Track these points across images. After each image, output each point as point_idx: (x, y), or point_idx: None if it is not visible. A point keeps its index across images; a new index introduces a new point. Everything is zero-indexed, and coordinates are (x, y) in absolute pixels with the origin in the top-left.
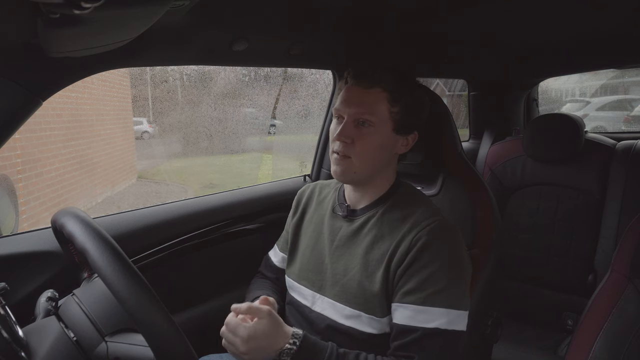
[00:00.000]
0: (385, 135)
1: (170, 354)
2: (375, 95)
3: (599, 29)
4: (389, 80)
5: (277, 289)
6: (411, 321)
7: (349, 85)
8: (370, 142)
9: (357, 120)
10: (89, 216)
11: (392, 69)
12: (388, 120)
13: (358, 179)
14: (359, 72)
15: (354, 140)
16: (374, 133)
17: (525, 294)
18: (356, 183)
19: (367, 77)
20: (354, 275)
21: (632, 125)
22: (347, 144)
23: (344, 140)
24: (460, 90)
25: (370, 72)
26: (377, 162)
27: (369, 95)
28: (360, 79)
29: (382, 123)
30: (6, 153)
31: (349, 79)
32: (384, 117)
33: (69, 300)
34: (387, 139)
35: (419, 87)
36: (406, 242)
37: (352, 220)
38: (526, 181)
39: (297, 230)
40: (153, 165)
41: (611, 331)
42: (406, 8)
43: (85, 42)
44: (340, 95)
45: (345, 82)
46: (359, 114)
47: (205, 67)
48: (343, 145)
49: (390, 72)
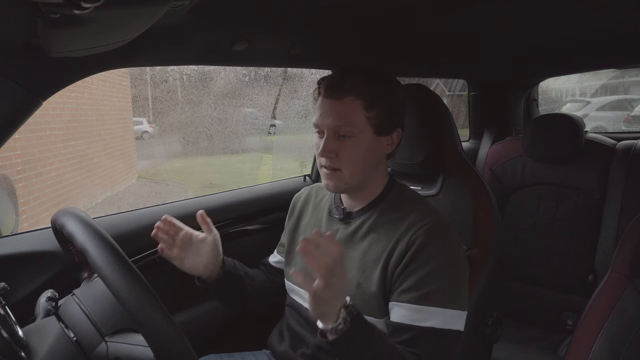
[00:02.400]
0: (367, 140)
1: (170, 354)
2: (349, 104)
3: (599, 29)
4: (361, 86)
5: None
6: (407, 320)
7: (322, 97)
8: (354, 152)
9: (337, 133)
10: (89, 216)
11: (362, 72)
12: (367, 126)
13: (351, 187)
14: (330, 83)
15: (338, 153)
16: (356, 142)
17: (525, 294)
18: (349, 191)
19: (337, 87)
20: (352, 277)
21: (632, 125)
22: (332, 158)
23: (328, 156)
24: (460, 90)
25: (340, 81)
26: (366, 168)
27: (343, 105)
28: (332, 91)
29: (362, 130)
30: (6, 153)
31: (321, 90)
32: (362, 125)
33: (69, 300)
34: (370, 144)
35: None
36: (403, 243)
37: (348, 223)
38: (526, 181)
39: (294, 234)
40: (153, 165)
41: (611, 331)
42: (406, 8)
43: (85, 42)
44: (317, 109)
45: (319, 93)
46: (337, 127)
47: (205, 67)
48: (329, 160)
49: (361, 77)
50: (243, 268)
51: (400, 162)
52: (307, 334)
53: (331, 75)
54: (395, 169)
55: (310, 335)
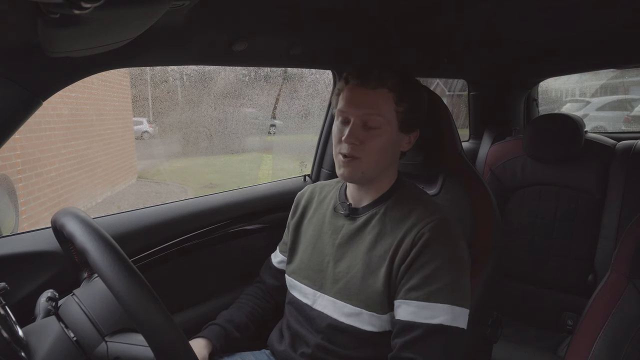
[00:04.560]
0: (391, 134)
1: (170, 353)
2: (381, 95)
3: (599, 29)
4: (394, 79)
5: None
6: (415, 317)
7: (352, 85)
8: (379, 143)
9: (365, 122)
10: (89, 216)
11: (394, 68)
12: (394, 120)
13: (365, 178)
14: (363, 72)
15: (362, 141)
16: (382, 134)
17: (525, 294)
18: (363, 183)
19: (372, 77)
20: (356, 273)
21: (632, 125)
22: (356, 145)
23: (352, 142)
24: (460, 90)
25: (376, 72)
26: (384, 162)
27: (376, 95)
28: (365, 79)
29: (389, 123)
30: (6, 153)
31: (350, 79)
32: (390, 117)
33: (69, 300)
34: (393, 138)
35: (419, 85)
36: (409, 239)
37: (354, 219)
38: (526, 181)
39: (297, 231)
40: (153, 165)
41: (611, 331)
42: (406, 8)
43: (85, 42)
44: (344, 97)
45: (346, 82)
46: (366, 115)
47: (205, 67)
48: (351, 147)
49: (394, 72)
50: (235, 328)
51: (401, 161)
52: (307, 333)
53: (362, 65)
54: None
55: (310, 334)
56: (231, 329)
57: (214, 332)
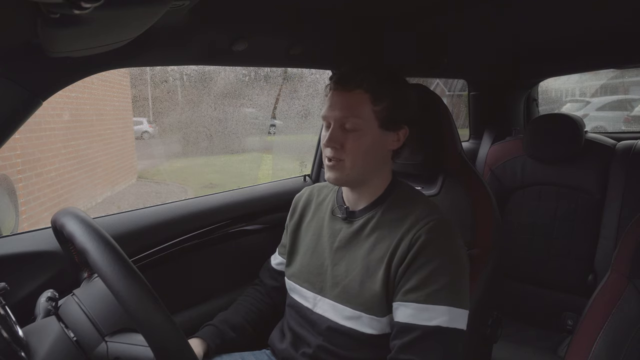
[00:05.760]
0: (373, 135)
1: (171, 354)
2: (357, 97)
3: (599, 29)
4: (371, 80)
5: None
6: (413, 319)
7: (333, 90)
8: (360, 144)
9: (344, 125)
10: (89, 216)
11: (374, 68)
12: (372, 120)
13: (351, 179)
14: (341, 76)
15: (343, 144)
16: (362, 135)
17: (525, 294)
18: (350, 184)
19: (347, 80)
20: (355, 276)
21: (632, 125)
22: (337, 149)
23: (333, 146)
24: (460, 90)
25: (350, 74)
26: (370, 162)
27: (351, 97)
28: (342, 83)
29: (368, 123)
30: (6, 153)
31: (332, 84)
32: (368, 117)
33: (69, 300)
34: (375, 137)
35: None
36: (406, 241)
37: (351, 222)
38: (526, 181)
39: (295, 234)
40: (153, 165)
41: (611, 331)
42: (406, 8)
43: (85, 42)
44: (327, 101)
45: (330, 87)
46: (344, 118)
47: (205, 67)
48: (334, 151)
49: (372, 72)
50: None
51: (400, 162)
52: (308, 335)
53: (342, 70)
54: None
55: (311, 335)
56: (226, 329)
57: (208, 332)
